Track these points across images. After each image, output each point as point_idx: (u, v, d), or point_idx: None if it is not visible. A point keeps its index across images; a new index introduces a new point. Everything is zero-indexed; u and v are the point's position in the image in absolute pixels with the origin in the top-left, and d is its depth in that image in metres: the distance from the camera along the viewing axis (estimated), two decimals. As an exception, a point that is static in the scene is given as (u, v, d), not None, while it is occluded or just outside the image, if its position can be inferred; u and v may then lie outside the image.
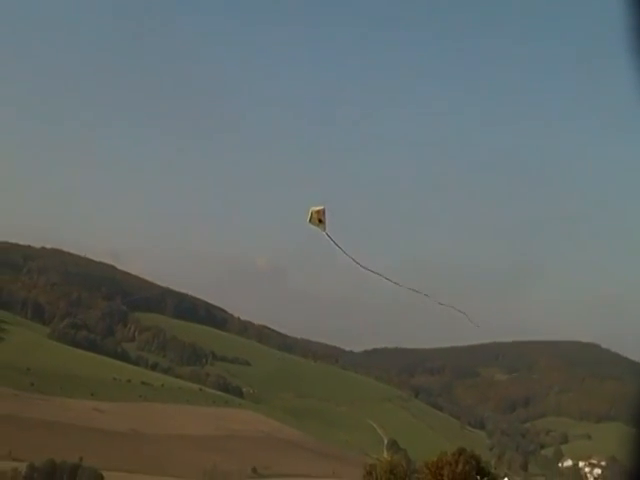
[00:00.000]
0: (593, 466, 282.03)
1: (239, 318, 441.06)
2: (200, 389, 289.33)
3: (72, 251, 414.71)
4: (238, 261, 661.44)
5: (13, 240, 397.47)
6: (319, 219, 14.93)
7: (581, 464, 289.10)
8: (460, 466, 60.04)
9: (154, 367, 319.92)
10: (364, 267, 15.29)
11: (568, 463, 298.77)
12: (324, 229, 14.84)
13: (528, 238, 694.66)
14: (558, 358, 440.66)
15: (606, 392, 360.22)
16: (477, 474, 63.09)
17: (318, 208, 15.07)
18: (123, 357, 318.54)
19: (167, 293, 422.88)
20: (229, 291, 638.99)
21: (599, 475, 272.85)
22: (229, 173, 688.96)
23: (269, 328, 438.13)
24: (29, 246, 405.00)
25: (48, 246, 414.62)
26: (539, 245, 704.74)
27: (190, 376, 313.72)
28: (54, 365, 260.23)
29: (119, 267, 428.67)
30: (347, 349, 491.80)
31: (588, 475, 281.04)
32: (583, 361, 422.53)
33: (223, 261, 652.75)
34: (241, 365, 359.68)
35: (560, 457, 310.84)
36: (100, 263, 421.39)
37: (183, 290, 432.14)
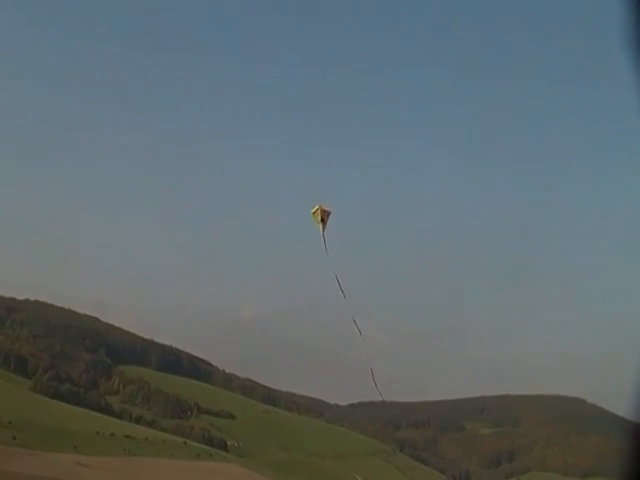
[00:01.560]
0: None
1: (224, 371, 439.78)
2: (184, 442, 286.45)
3: (56, 303, 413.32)
4: (222, 312, 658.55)
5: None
6: (322, 218, 15.15)
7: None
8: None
9: (138, 420, 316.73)
10: (345, 295, 15.58)
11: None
12: (323, 229, 15.07)
13: (514, 291, 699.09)
14: (543, 412, 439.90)
15: (591, 447, 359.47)
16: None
17: (326, 208, 15.33)
18: (107, 410, 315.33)
19: (151, 345, 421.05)
20: (213, 343, 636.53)
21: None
22: (212, 225, 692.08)
23: (254, 381, 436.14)
24: (13, 298, 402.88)
25: (32, 298, 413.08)
26: (526, 299, 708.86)
27: (174, 429, 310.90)
28: (37, 418, 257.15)
29: (103, 319, 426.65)
30: (332, 402, 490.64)
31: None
32: (568, 416, 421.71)
33: (207, 312, 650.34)
34: (225, 418, 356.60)
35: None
36: (84, 315, 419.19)
37: (167, 342, 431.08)
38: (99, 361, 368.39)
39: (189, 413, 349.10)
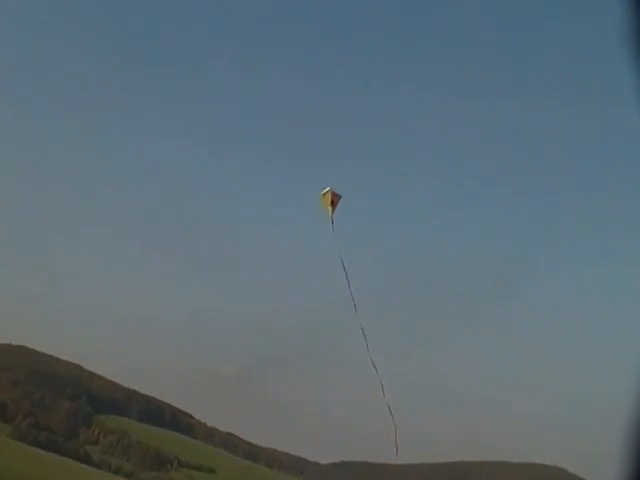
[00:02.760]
0: None
1: (206, 424, 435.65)
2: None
3: (38, 349, 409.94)
4: (206, 366, 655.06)
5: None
6: (332, 200, 14.52)
7: None
8: None
9: (117, 471, 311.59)
10: (349, 286, 15.02)
11: None
12: (333, 212, 14.44)
13: (499, 358, 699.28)
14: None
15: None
16: None
17: (337, 192, 14.64)
18: (86, 460, 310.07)
19: (133, 396, 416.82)
20: (196, 396, 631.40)
21: None
22: (198, 281, 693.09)
23: (235, 436, 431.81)
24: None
25: (14, 343, 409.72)
26: (511, 368, 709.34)
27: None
28: (14, 465, 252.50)
29: (85, 367, 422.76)
30: (313, 460, 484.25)
31: None
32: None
33: (191, 366, 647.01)
34: (206, 472, 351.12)
35: None
36: (66, 362, 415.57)
37: (150, 393, 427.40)
38: (80, 410, 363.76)
39: (169, 466, 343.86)
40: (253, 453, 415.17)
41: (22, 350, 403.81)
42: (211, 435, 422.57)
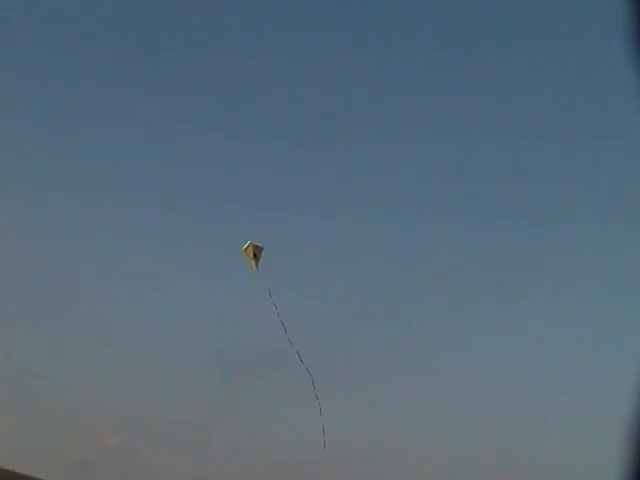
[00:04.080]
0: None
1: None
2: None
3: None
4: (87, 439, 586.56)
5: None
6: (255, 253, 14.40)
7: None
8: None
9: None
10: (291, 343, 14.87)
11: None
12: (257, 265, 14.31)
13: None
14: None
15: None
16: None
17: (258, 244, 14.63)
18: None
19: (13, 477, 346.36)
20: (77, 474, 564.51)
21: None
22: (81, 350, 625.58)
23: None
24: None
25: None
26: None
27: None
28: None
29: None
30: None
31: None
32: None
33: (70, 439, 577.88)
34: None
35: None
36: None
37: (28, 473, 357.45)
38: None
39: None
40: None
41: None
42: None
